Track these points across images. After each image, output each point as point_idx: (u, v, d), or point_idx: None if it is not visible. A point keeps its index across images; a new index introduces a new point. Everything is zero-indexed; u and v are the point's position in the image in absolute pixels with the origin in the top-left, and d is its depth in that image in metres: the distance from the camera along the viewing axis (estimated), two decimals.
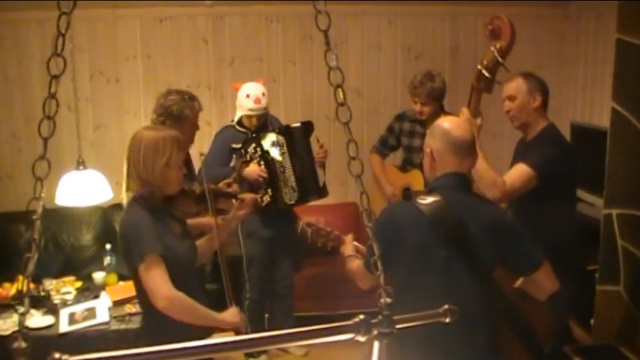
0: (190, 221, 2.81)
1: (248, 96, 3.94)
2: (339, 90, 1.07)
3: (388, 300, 1.04)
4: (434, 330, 2.02)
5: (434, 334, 2.08)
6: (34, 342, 0.96)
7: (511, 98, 3.09)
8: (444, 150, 2.27)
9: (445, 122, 2.33)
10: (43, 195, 0.94)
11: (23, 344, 0.93)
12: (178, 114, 3.28)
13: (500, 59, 2.98)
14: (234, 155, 3.95)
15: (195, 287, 2.55)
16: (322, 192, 4.07)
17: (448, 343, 2.14)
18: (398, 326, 1.02)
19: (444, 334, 2.15)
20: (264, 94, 3.96)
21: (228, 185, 3.19)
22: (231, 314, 2.57)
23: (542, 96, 3.08)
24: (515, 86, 3.07)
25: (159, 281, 2.34)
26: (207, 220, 2.91)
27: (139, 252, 2.36)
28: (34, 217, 0.95)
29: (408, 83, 4.10)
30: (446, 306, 1.08)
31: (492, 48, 2.99)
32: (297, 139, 3.96)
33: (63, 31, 0.90)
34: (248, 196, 3.03)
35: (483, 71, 2.99)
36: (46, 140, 0.96)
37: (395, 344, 1.05)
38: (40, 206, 0.95)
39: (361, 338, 1.00)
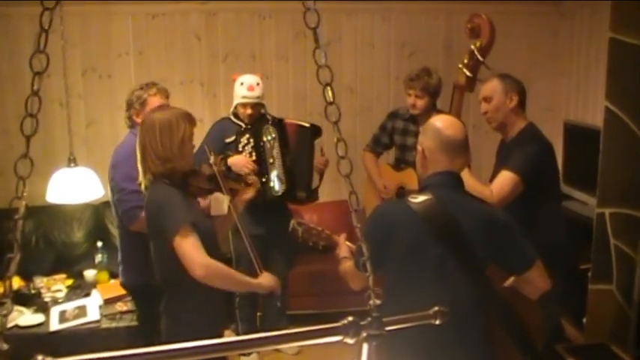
0: None
1: (242, 84, 3.94)
2: (328, 88, 1.06)
3: (377, 301, 1.03)
4: (426, 328, 2.01)
5: (426, 332, 2.06)
6: (24, 340, 0.94)
7: (487, 99, 3.08)
8: (436, 148, 2.26)
9: (437, 121, 2.33)
10: (25, 194, 0.91)
11: (5, 346, 0.91)
12: (138, 99, 3.38)
13: (480, 57, 2.97)
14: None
15: (216, 258, 2.60)
16: (312, 194, 4.06)
17: (441, 341, 2.13)
18: (387, 328, 1.01)
19: (437, 332, 2.13)
20: (258, 84, 3.96)
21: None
22: (266, 278, 2.73)
23: (519, 96, 3.07)
24: (491, 87, 3.06)
25: (196, 251, 2.44)
26: (204, 202, 3.00)
27: (173, 224, 2.45)
28: (16, 216, 0.93)
29: (404, 77, 4.08)
30: (436, 307, 1.07)
31: (472, 47, 2.99)
32: (298, 136, 3.96)
33: (46, 27, 0.88)
34: (254, 179, 3.20)
35: (464, 70, 2.99)
36: (28, 138, 0.94)
37: (385, 344, 1.04)
38: (23, 205, 0.93)
39: (350, 340, 0.99)
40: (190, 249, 2.43)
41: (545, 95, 5.25)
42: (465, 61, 3.00)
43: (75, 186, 3.67)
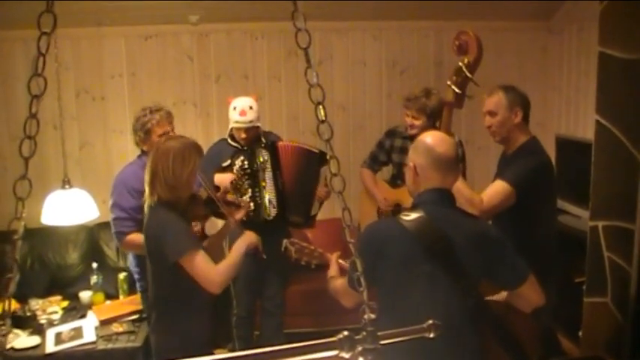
0: None
1: (235, 108, 3.94)
2: (320, 107, 1.08)
3: (372, 316, 1.04)
4: (420, 344, 2.01)
5: (420, 348, 2.08)
6: None
7: (491, 114, 3.09)
8: (427, 165, 2.27)
9: (428, 137, 2.33)
10: (24, 215, 0.93)
11: None
12: (142, 127, 3.49)
13: (468, 74, 2.98)
14: None
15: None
16: (309, 221, 4.05)
17: (434, 357, 2.14)
18: (382, 342, 1.02)
19: (431, 348, 2.15)
20: (251, 107, 3.93)
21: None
22: (248, 236, 2.95)
23: (523, 110, 3.09)
24: (496, 101, 3.07)
25: (209, 268, 2.64)
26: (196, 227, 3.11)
27: (181, 246, 2.62)
28: (15, 237, 0.94)
29: (404, 97, 4.10)
30: (430, 321, 1.08)
31: (460, 63, 3.00)
32: (305, 160, 3.96)
33: (43, 52, 0.90)
34: (244, 201, 3.36)
35: (453, 87, 3.00)
36: (27, 160, 0.95)
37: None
38: (22, 226, 0.94)
39: (345, 354, 1.00)
40: (204, 267, 2.63)
41: (536, 110, 5.25)
42: (454, 78, 3.01)
43: (70, 208, 3.67)
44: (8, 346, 3.50)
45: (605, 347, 3.31)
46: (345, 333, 1.00)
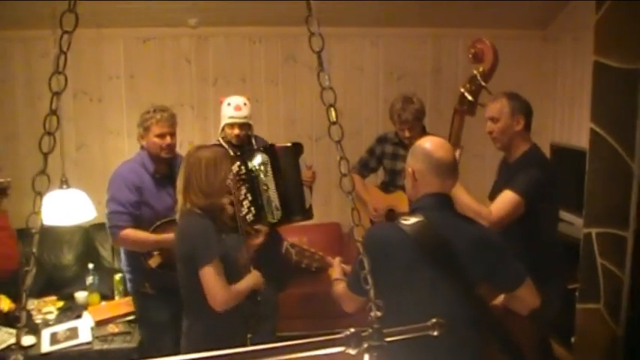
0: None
1: (229, 104, 3.93)
2: (332, 109, 1.11)
3: (378, 313, 1.07)
4: (421, 348, 2.04)
5: (422, 352, 2.10)
6: None
7: (494, 120, 3.10)
8: (426, 171, 2.29)
9: (427, 142, 2.35)
10: (42, 209, 0.95)
11: (20, 358, 0.94)
12: (142, 123, 3.54)
13: (482, 83, 2.99)
14: None
15: (236, 278, 2.86)
16: (307, 214, 4.03)
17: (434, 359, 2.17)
18: (388, 339, 1.04)
19: (432, 352, 2.17)
20: (245, 104, 3.93)
21: None
22: (255, 276, 3.02)
23: (526, 118, 3.10)
24: (499, 108, 3.08)
25: (218, 285, 2.67)
26: None
27: (205, 255, 2.67)
28: (34, 230, 0.97)
29: (390, 111, 4.08)
30: (434, 319, 1.10)
31: (475, 71, 3.00)
32: (284, 158, 3.91)
33: (65, 50, 0.93)
34: (264, 228, 3.50)
35: (466, 94, 3.00)
36: (46, 155, 0.98)
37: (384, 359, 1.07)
38: (40, 220, 0.97)
39: (352, 351, 1.02)
40: (215, 283, 2.66)
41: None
42: (467, 85, 3.01)
43: (67, 208, 3.68)
44: (3, 346, 3.51)
45: (598, 354, 3.34)
46: (352, 330, 1.02)
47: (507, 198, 2.93)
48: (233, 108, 3.91)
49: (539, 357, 3.15)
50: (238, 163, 3.88)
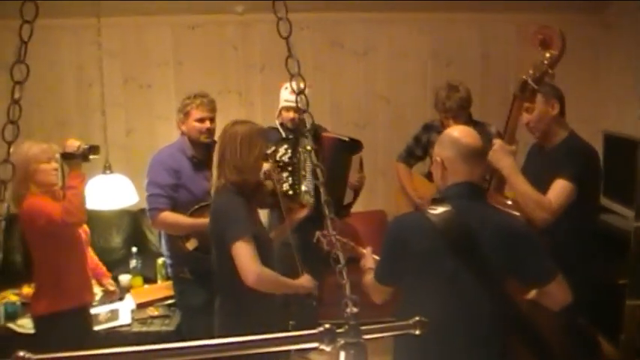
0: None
1: (286, 88, 3.92)
2: (302, 96, 1.06)
3: (355, 309, 1.02)
4: (441, 339, 1.99)
5: (441, 343, 2.05)
6: None
7: (528, 110, 3.01)
8: (455, 158, 2.23)
9: (454, 131, 2.31)
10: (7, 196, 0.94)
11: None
12: (182, 109, 3.62)
13: (550, 70, 2.88)
14: None
15: (271, 266, 2.79)
16: (341, 211, 3.99)
17: (455, 354, 2.11)
18: (366, 337, 1.00)
19: (452, 343, 2.12)
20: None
21: None
22: (306, 280, 2.94)
23: (560, 102, 3.01)
24: None
25: (251, 260, 2.62)
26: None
27: (235, 232, 2.64)
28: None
29: (435, 99, 3.97)
30: (417, 317, 1.05)
31: (542, 58, 2.89)
32: (332, 150, 3.90)
33: (26, 40, 0.91)
34: (308, 201, 3.52)
35: (529, 81, 2.89)
36: (9, 144, 0.96)
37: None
38: (5, 207, 0.96)
39: (326, 347, 0.99)
40: (247, 258, 2.62)
41: (584, 105, 5.13)
42: (531, 72, 2.91)
43: (109, 192, 3.75)
44: None
45: None
46: (327, 326, 0.98)
47: (563, 186, 2.85)
48: (289, 92, 3.90)
49: (583, 353, 3.05)
50: (286, 145, 3.89)
